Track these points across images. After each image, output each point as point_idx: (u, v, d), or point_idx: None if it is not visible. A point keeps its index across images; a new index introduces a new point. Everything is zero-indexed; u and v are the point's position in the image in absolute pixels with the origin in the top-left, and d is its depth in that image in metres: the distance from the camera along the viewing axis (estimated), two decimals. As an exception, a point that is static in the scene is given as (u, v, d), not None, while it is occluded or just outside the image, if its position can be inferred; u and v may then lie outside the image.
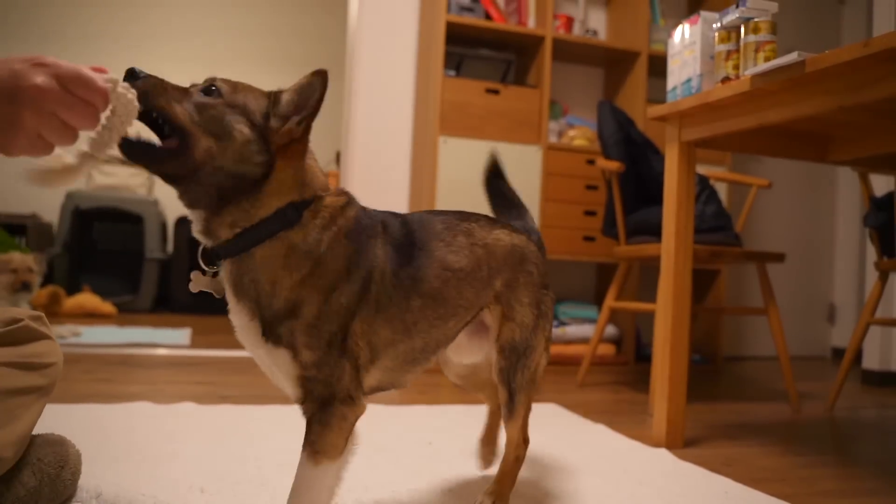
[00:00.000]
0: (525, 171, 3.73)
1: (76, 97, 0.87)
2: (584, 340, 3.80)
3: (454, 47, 3.77)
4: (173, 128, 1.02)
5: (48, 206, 5.76)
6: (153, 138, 1.03)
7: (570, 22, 4.04)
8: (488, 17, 3.83)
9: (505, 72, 4.00)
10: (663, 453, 1.96)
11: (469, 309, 1.28)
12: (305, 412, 1.09)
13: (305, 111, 1.10)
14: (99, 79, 0.90)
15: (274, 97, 1.11)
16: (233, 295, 1.10)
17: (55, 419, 1.22)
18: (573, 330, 3.85)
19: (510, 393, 1.35)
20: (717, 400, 3.00)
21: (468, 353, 1.42)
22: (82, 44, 6.28)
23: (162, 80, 1.05)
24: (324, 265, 1.08)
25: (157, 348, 3.61)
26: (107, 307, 5.08)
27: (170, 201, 6.06)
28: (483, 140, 3.68)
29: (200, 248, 1.13)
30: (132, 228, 5.70)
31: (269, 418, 2.16)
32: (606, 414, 2.50)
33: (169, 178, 1.05)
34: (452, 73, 3.76)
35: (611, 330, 3.92)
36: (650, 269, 3.97)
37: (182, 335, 4.12)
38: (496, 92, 3.75)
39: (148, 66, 1.06)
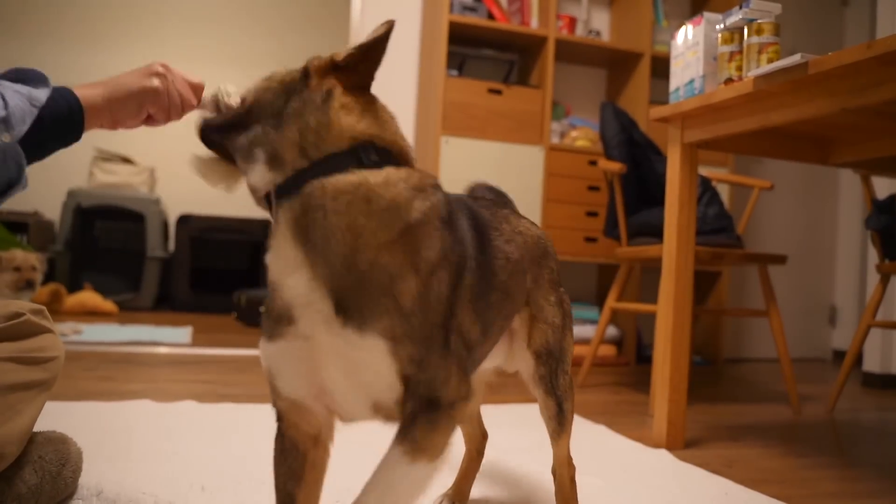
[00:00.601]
0: (527, 171, 3.73)
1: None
2: (585, 341, 3.80)
3: (457, 47, 3.77)
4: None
5: (50, 203, 5.76)
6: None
7: (573, 22, 4.05)
8: (491, 16, 3.83)
9: (507, 72, 4.00)
10: (664, 454, 1.97)
11: (518, 303, 1.16)
12: (404, 410, 0.85)
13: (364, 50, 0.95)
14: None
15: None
16: (297, 250, 0.83)
17: (57, 417, 1.22)
18: (574, 330, 3.84)
19: (558, 403, 1.21)
20: (717, 401, 3.00)
21: (491, 355, 1.23)
22: (88, 44, 6.29)
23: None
24: (417, 237, 0.84)
25: (159, 346, 3.61)
26: (108, 305, 5.08)
27: (171, 200, 6.07)
28: (485, 140, 3.68)
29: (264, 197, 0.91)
30: (134, 227, 5.70)
31: (269, 417, 2.16)
32: (607, 415, 2.50)
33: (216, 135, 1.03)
34: (455, 73, 3.77)
35: (612, 331, 3.92)
36: (651, 270, 3.97)
37: (183, 333, 4.12)
38: (499, 92, 3.75)
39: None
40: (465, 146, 3.63)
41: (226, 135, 0.97)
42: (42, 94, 1.05)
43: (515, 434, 2.04)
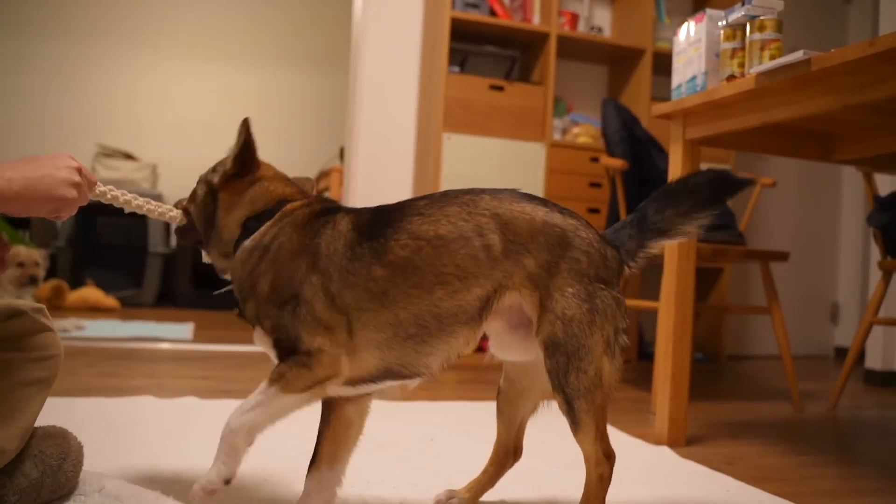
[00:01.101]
0: (528, 168, 3.73)
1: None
2: (586, 338, 3.79)
3: (459, 44, 3.76)
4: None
5: (52, 199, 5.77)
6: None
7: (575, 19, 4.04)
8: (493, 13, 3.83)
9: (509, 69, 4.00)
10: (665, 451, 1.97)
11: (464, 278, 1.21)
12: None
13: (234, 149, 1.37)
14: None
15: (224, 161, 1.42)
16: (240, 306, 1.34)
17: (58, 412, 1.22)
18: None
19: (566, 399, 1.23)
20: (719, 398, 3.00)
21: (508, 346, 1.30)
22: (92, 41, 6.28)
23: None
24: (271, 251, 1.28)
25: (160, 342, 3.62)
26: (110, 301, 5.09)
27: (173, 196, 6.06)
28: (487, 137, 3.68)
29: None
30: (135, 223, 5.70)
31: (271, 413, 2.16)
32: (609, 412, 2.50)
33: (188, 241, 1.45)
34: (457, 69, 3.76)
35: (613, 328, 3.92)
36: (652, 267, 3.96)
37: (185, 329, 4.12)
38: (500, 89, 3.75)
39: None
40: (466, 143, 3.63)
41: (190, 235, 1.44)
42: None
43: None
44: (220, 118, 6.62)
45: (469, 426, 2.03)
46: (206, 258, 1.45)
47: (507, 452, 1.45)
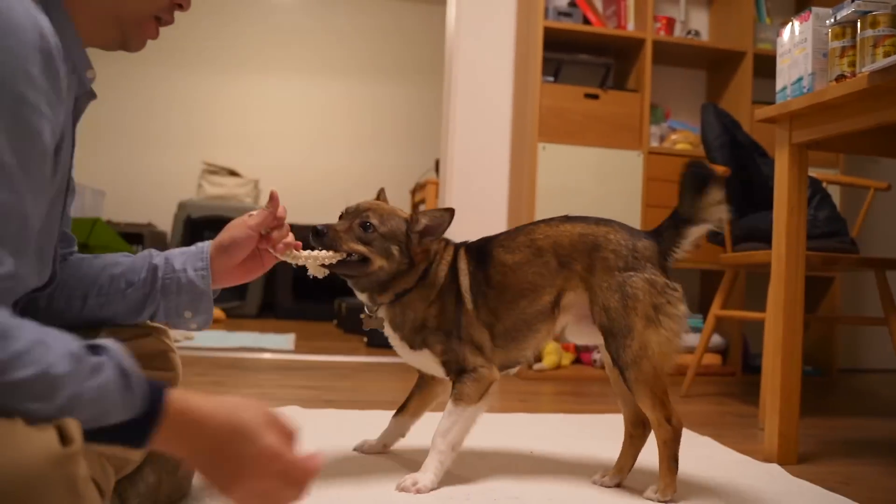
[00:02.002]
0: (625, 176, 3.66)
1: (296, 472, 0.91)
2: (688, 350, 3.68)
3: (552, 53, 3.74)
4: (358, 255, 1.55)
5: (163, 215, 6.06)
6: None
7: (671, 23, 3.96)
8: (587, 21, 3.79)
9: (604, 76, 3.94)
10: (775, 469, 1.88)
11: (536, 290, 1.60)
12: (451, 380, 1.60)
13: (432, 237, 1.61)
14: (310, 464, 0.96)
15: (412, 218, 1.61)
16: (390, 327, 1.64)
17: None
18: (676, 339, 3.75)
19: (621, 371, 1.52)
20: (832, 414, 2.86)
21: (580, 335, 1.66)
22: (197, 66, 6.58)
23: (336, 230, 1.54)
24: (435, 290, 1.62)
25: (264, 352, 3.73)
26: (217, 312, 5.28)
27: (275, 211, 6.27)
28: (582, 146, 3.64)
29: (366, 304, 1.68)
30: (239, 237, 5.91)
31: (371, 422, 2.19)
32: (712, 426, 2.42)
33: (350, 278, 1.61)
34: (550, 79, 3.74)
35: (716, 339, 3.80)
36: (757, 276, 3.82)
37: (286, 340, 4.24)
38: (595, 97, 3.70)
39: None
40: (562, 152, 3.60)
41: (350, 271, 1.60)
42: (118, 417, 0.78)
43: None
44: (317, 132, 6.81)
45: (568, 438, 2.01)
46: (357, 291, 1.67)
47: (636, 423, 1.66)
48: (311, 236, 1.52)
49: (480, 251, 1.66)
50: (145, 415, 0.80)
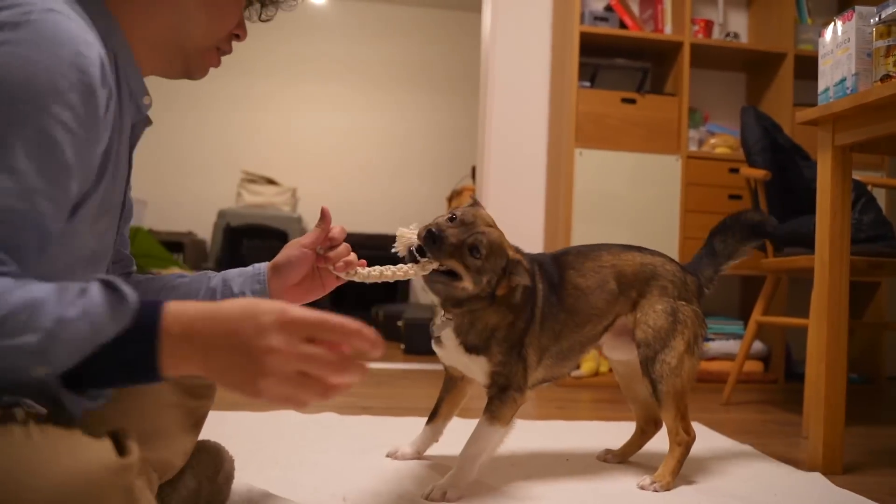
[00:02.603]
0: (663, 181, 3.62)
1: (325, 350, 0.81)
2: (728, 357, 3.63)
3: (588, 58, 3.72)
4: (454, 270, 1.51)
5: (203, 224, 6.14)
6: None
7: (709, 26, 3.91)
8: (623, 25, 3.76)
9: (641, 81, 3.91)
10: (819, 479, 1.84)
11: (601, 316, 1.71)
12: (489, 393, 1.60)
13: (518, 284, 1.57)
14: (348, 321, 0.85)
15: (512, 264, 1.56)
16: (451, 330, 1.61)
17: (210, 426, 1.30)
18: (717, 346, 3.69)
19: (652, 382, 1.67)
20: (879, 423, 2.79)
21: (615, 350, 1.81)
22: (235, 77, 6.68)
23: (447, 241, 1.48)
24: (511, 303, 1.59)
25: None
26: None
27: (312, 218, 6.31)
28: (620, 151, 3.61)
29: (441, 311, 1.63)
30: (278, 244, 5.92)
31: (407, 429, 2.19)
32: (754, 434, 2.38)
33: (432, 283, 1.55)
34: (587, 84, 3.72)
35: (758, 346, 3.73)
36: (799, 281, 3.75)
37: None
38: (632, 102, 3.67)
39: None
40: (599, 158, 3.58)
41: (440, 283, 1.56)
42: (111, 331, 0.76)
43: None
44: (353, 140, 6.85)
45: (605, 446, 1.98)
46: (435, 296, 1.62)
47: (647, 422, 1.91)
48: (424, 237, 1.45)
49: (551, 271, 1.69)
50: (146, 332, 0.77)
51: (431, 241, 1.45)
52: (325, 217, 1.30)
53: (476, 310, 1.58)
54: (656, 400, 1.68)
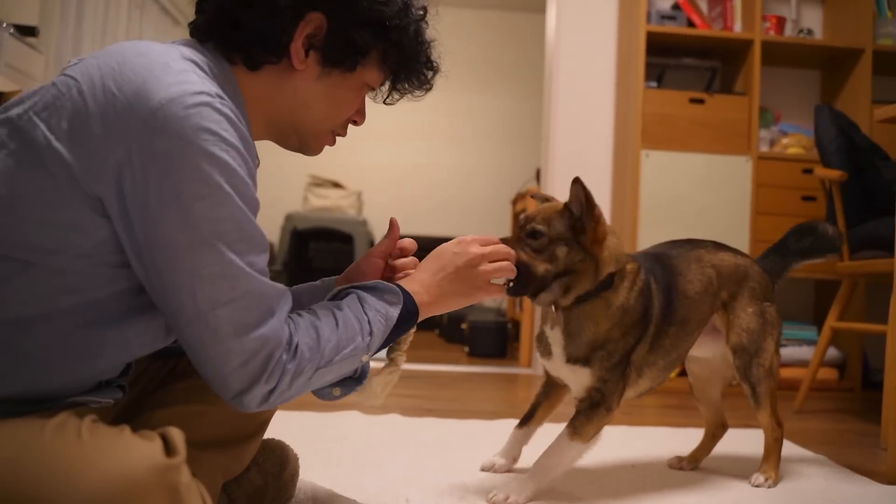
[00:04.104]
0: (733, 183, 3.54)
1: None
2: (802, 363, 3.52)
3: (655, 58, 3.66)
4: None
5: (270, 227, 6.26)
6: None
7: (781, 23, 3.80)
8: (691, 24, 3.69)
9: (710, 80, 3.83)
10: (899, 492, 1.77)
11: (704, 320, 1.69)
12: (578, 406, 1.55)
13: (584, 211, 1.51)
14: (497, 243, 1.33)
15: (568, 212, 1.52)
16: (560, 332, 1.55)
17: (276, 425, 1.33)
18: (790, 352, 3.59)
19: (751, 386, 1.70)
20: (964, 434, 2.66)
21: (700, 348, 1.76)
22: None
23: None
24: (627, 315, 1.53)
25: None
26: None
27: (377, 221, 6.39)
28: (688, 152, 3.54)
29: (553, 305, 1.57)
30: (343, 247, 6.05)
31: (470, 432, 2.20)
32: (828, 445, 2.30)
33: (532, 295, 1.53)
34: (654, 84, 3.66)
35: (832, 353, 3.61)
36: (878, 286, 3.61)
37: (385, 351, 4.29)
38: (701, 102, 3.60)
39: None
40: (666, 159, 3.52)
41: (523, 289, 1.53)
42: (395, 313, 1.13)
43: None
44: (418, 143, 6.90)
45: (672, 453, 1.95)
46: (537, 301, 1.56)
47: (717, 426, 1.90)
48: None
49: (661, 279, 1.62)
50: (409, 306, 1.17)
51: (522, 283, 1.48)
52: (393, 227, 1.31)
53: (585, 302, 1.51)
54: (754, 403, 1.71)
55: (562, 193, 4.00)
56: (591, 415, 1.52)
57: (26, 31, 3.02)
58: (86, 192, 0.88)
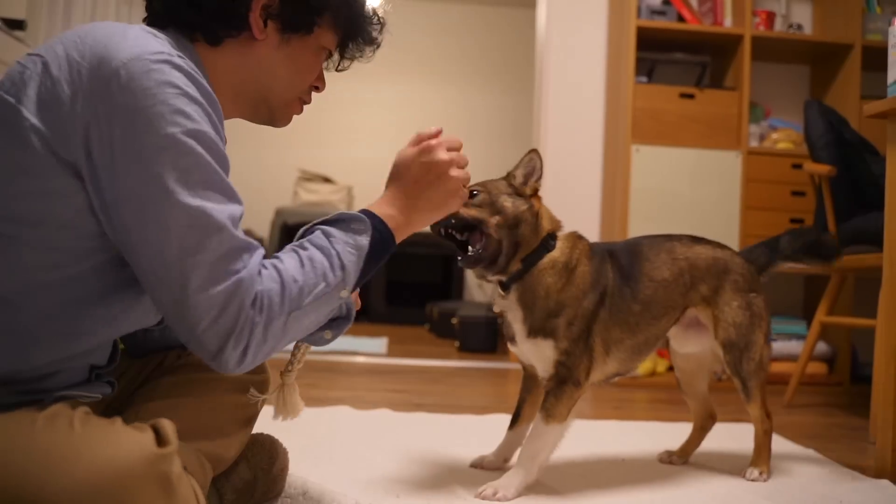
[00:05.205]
0: (723, 178, 3.55)
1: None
2: (791, 358, 3.53)
3: (645, 53, 3.66)
4: (471, 224, 1.52)
5: (260, 222, 6.24)
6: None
7: (771, 18, 3.81)
8: (681, 19, 3.69)
9: (700, 75, 3.83)
10: (887, 486, 1.77)
11: (675, 308, 1.69)
12: (546, 386, 1.57)
13: (536, 174, 1.61)
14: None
15: (509, 175, 1.61)
16: (518, 306, 1.56)
17: (265, 420, 1.32)
18: (779, 346, 3.60)
19: (742, 380, 1.71)
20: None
21: (686, 343, 1.79)
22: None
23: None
24: (576, 276, 1.57)
25: (357, 356, 3.79)
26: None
27: (368, 216, 6.38)
28: (678, 147, 3.54)
29: (498, 282, 1.59)
30: (334, 242, 6.03)
31: (460, 427, 2.20)
32: (817, 439, 2.31)
33: (488, 261, 1.54)
34: (644, 79, 3.66)
35: (822, 347, 3.62)
36: (866, 280, 3.63)
37: (379, 344, 4.30)
38: (691, 97, 3.60)
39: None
40: (656, 154, 3.52)
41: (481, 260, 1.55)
42: (365, 241, 1.08)
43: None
44: (406, 138, 6.88)
45: (662, 447, 1.95)
46: (487, 276, 1.59)
47: (705, 418, 1.90)
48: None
49: (623, 261, 1.66)
50: (381, 231, 1.12)
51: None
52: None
53: (533, 268, 1.56)
54: (745, 397, 1.72)
55: (552, 187, 4.01)
56: (559, 393, 1.54)
57: (14, 25, 2.99)
58: (60, 157, 0.90)
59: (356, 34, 1.23)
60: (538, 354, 1.57)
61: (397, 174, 1.21)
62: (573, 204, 3.79)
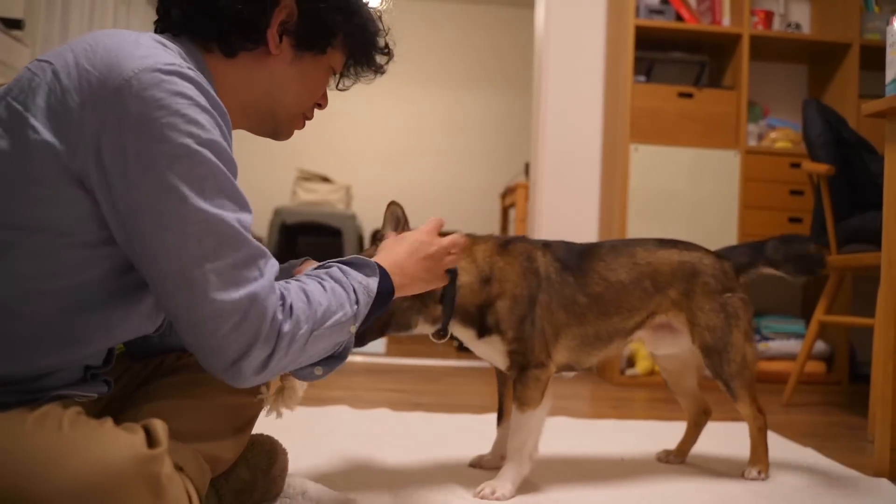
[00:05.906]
0: (721, 177, 3.55)
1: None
2: (789, 357, 3.54)
3: (644, 52, 3.66)
4: None
5: (259, 221, 6.23)
6: None
7: (769, 17, 3.81)
8: (679, 18, 3.69)
9: (698, 74, 3.84)
10: (885, 484, 1.77)
11: (633, 311, 1.69)
12: (512, 377, 1.60)
13: (401, 223, 1.59)
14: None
15: (379, 234, 1.61)
16: (460, 325, 1.59)
17: (264, 420, 1.32)
18: (777, 345, 3.60)
19: (725, 382, 1.71)
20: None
21: (659, 346, 1.79)
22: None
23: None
24: (496, 274, 1.60)
25: (356, 355, 3.79)
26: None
27: (366, 215, 6.37)
28: (676, 146, 3.55)
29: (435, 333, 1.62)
30: (332, 241, 6.03)
31: (459, 426, 2.20)
32: (816, 438, 2.31)
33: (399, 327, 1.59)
34: (642, 78, 3.66)
35: (820, 346, 3.62)
36: (864, 279, 3.63)
37: (378, 343, 4.30)
38: (689, 96, 3.61)
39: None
40: (655, 153, 3.52)
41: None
42: (374, 285, 1.15)
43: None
44: (406, 138, 6.88)
45: (660, 446, 1.95)
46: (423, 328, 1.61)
47: (699, 414, 1.90)
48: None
49: (563, 254, 1.68)
50: (386, 283, 1.19)
51: None
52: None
53: (455, 303, 1.57)
54: (731, 397, 1.72)
55: (550, 187, 4.01)
56: (524, 380, 1.56)
57: (12, 24, 2.99)
58: (66, 166, 0.90)
59: (364, 61, 1.27)
60: (493, 352, 1.60)
61: (402, 242, 1.32)
62: (572, 203, 3.79)
